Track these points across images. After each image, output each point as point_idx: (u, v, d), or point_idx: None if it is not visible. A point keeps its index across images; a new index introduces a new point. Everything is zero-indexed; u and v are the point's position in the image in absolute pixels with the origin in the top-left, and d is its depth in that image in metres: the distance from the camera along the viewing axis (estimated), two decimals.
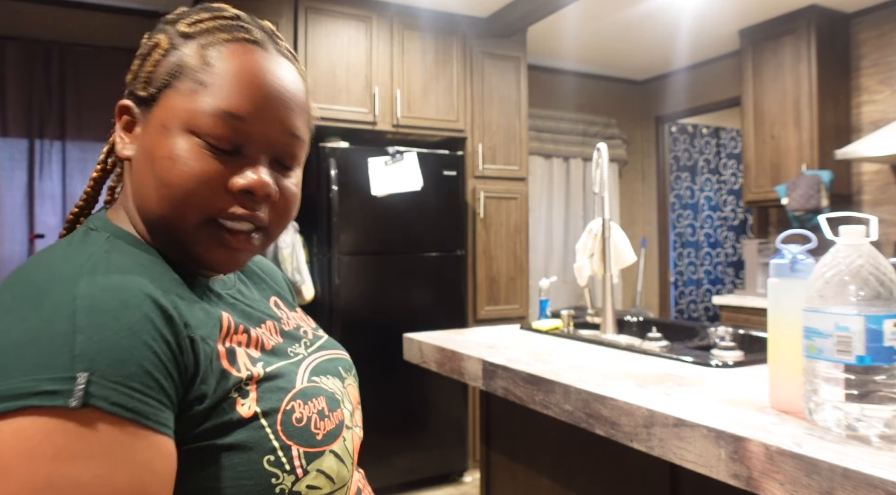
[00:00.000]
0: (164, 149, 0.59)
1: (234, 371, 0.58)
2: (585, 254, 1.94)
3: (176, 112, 0.59)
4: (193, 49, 0.61)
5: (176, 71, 0.60)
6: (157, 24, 0.66)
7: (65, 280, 0.50)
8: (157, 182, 0.59)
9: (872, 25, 3.60)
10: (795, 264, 0.89)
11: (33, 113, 3.24)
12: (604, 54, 4.47)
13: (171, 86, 0.60)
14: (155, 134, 0.60)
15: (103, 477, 0.45)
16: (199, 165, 0.59)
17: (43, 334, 0.46)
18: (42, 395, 0.44)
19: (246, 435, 0.55)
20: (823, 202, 3.38)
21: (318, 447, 0.60)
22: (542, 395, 1.19)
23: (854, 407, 0.76)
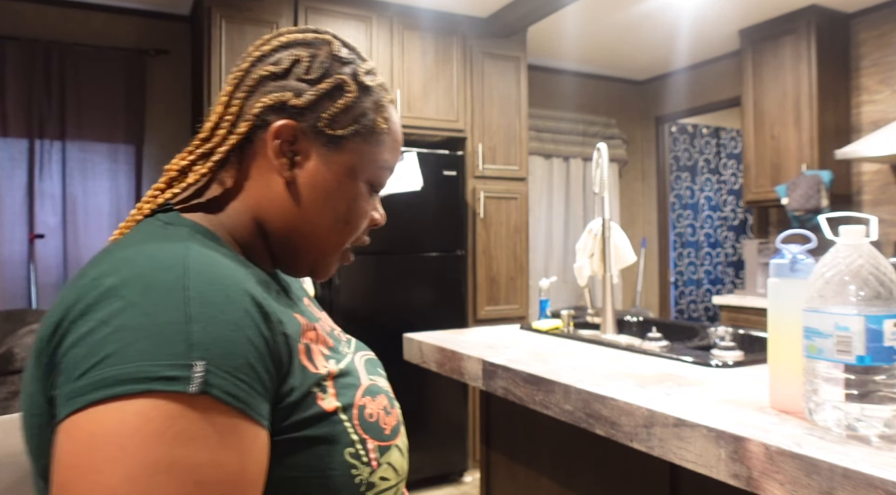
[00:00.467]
0: (348, 191, 0.69)
1: (313, 367, 0.61)
2: (585, 254, 1.94)
3: (362, 163, 0.69)
4: (374, 106, 0.70)
5: (365, 125, 0.69)
6: (311, 47, 0.68)
7: (171, 268, 0.52)
8: (335, 215, 0.69)
9: (872, 25, 3.60)
10: (795, 264, 0.89)
11: (33, 113, 3.24)
12: (604, 54, 4.47)
13: (359, 136, 0.68)
14: (340, 174, 0.68)
15: (215, 462, 0.48)
16: (367, 208, 0.72)
17: (159, 322, 0.48)
18: (163, 380, 0.46)
19: (329, 429, 0.59)
20: (823, 202, 3.38)
21: (387, 441, 0.64)
22: (542, 395, 1.19)
23: (854, 407, 0.76)
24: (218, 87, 3.04)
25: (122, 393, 0.46)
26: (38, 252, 3.26)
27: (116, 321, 0.48)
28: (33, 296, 3.24)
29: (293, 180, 0.66)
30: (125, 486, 0.44)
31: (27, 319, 2.82)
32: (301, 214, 0.67)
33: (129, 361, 0.46)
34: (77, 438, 0.45)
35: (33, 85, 3.23)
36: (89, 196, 3.39)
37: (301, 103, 0.65)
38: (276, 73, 0.66)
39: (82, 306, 0.50)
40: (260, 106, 0.65)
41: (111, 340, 0.47)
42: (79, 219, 3.36)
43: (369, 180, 0.70)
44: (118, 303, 0.49)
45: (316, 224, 0.68)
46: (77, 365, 0.47)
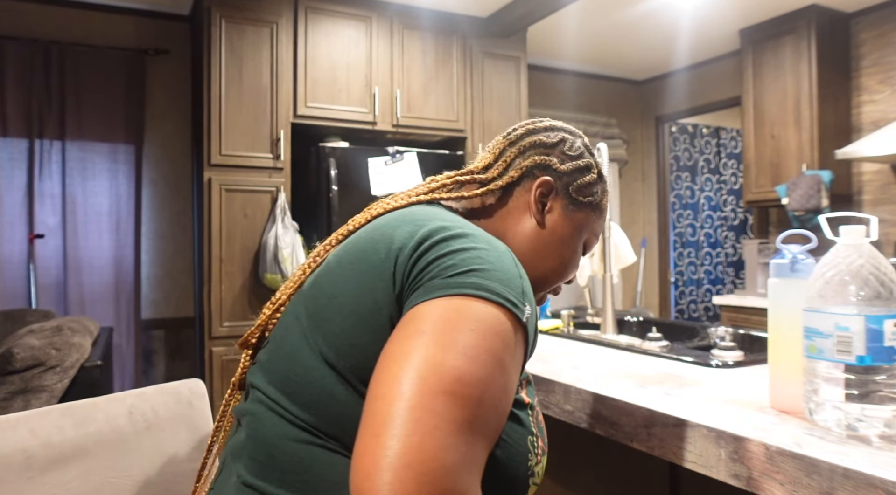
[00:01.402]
0: (573, 245, 0.88)
1: None
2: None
3: (588, 227, 0.89)
4: (603, 189, 0.91)
5: (597, 200, 0.90)
6: (569, 135, 0.90)
7: (494, 239, 0.70)
8: (560, 261, 0.87)
9: (872, 25, 3.60)
10: (796, 264, 0.89)
11: (33, 113, 3.24)
12: (604, 54, 4.47)
13: (591, 207, 0.89)
14: (571, 231, 0.87)
15: (512, 380, 0.61)
16: (576, 262, 0.90)
17: (505, 267, 0.64)
18: (511, 303, 0.61)
19: (523, 416, 0.71)
20: (824, 202, 3.38)
21: (545, 447, 0.76)
22: (542, 395, 1.19)
23: (854, 407, 0.76)
24: (218, 87, 3.04)
25: (486, 296, 0.60)
26: (37, 252, 3.26)
27: (476, 252, 0.64)
28: (33, 296, 3.24)
29: (542, 222, 0.85)
30: (473, 350, 0.56)
31: (27, 319, 2.82)
32: (538, 251, 0.85)
33: (490, 279, 0.61)
34: (445, 309, 0.59)
35: (33, 85, 3.24)
36: (89, 196, 3.39)
37: (563, 169, 0.87)
38: (547, 144, 0.87)
39: (444, 235, 0.66)
40: (531, 161, 0.86)
41: (475, 261, 0.63)
42: (78, 219, 3.36)
43: (586, 242, 0.90)
44: (474, 241, 0.66)
45: (546, 262, 0.86)
46: (447, 269, 0.62)
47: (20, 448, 0.89)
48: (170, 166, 3.62)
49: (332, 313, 0.68)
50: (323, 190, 3.13)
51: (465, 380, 0.54)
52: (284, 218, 3.09)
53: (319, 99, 3.24)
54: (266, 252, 3.02)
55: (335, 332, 0.66)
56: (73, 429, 0.94)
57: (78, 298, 3.33)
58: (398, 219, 0.73)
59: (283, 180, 3.16)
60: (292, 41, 3.20)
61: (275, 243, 3.01)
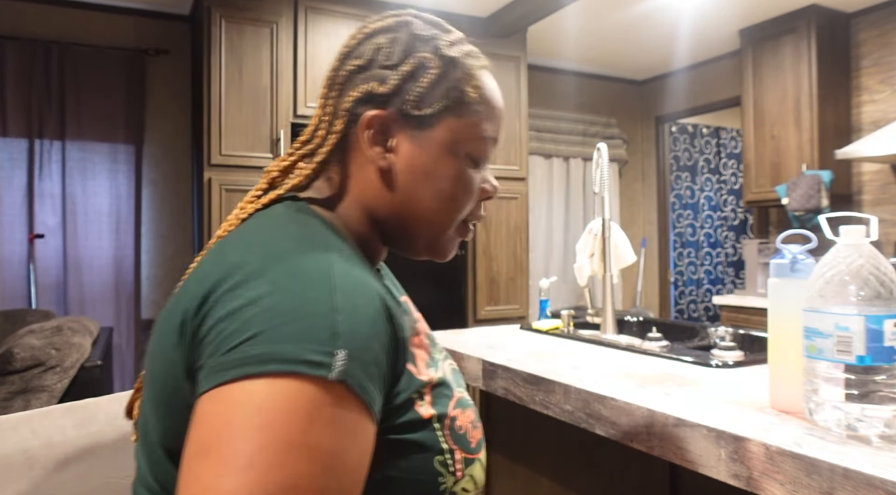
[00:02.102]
0: (449, 168, 0.68)
1: (417, 373, 0.62)
2: (585, 254, 1.93)
3: (458, 138, 0.68)
4: (463, 77, 0.68)
5: (455, 98, 0.67)
6: (391, 32, 0.69)
7: (316, 255, 0.56)
8: (440, 195, 0.68)
9: (873, 25, 3.60)
10: (796, 264, 0.89)
11: (33, 113, 3.24)
12: (604, 54, 4.47)
13: (451, 111, 0.67)
14: (436, 154, 0.67)
15: (341, 449, 0.49)
16: (473, 183, 0.70)
17: (307, 308, 0.51)
18: (308, 364, 0.48)
19: (424, 436, 0.60)
20: (824, 202, 3.38)
21: (472, 454, 0.65)
22: (542, 395, 1.19)
23: (854, 407, 0.76)
24: (218, 87, 3.04)
25: (270, 371, 0.48)
26: (37, 252, 3.26)
27: (266, 301, 0.51)
28: (33, 296, 3.24)
29: (389, 168, 0.67)
30: (262, 454, 0.46)
31: (27, 319, 2.82)
32: (404, 199, 0.68)
33: (278, 342, 0.49)
34: (225, 406, 0.48)
35: (33, 85, 3.23)
36: (89, 196, 3.39)
37: (386, 90, 0.66)
38: (362, 66, 0.67)
39: (231, 283, 0.53)
40: (350, 101, 0.67)
41: (261, 319, 0.50)
42: (78, 219, 3.36)
43: (470, 154, 0.69)
44: (267, 285, 0.52)
45: (421, 206, 0.68)
46: (227, 339, 0.50)
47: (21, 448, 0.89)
48: (170, 166, 3.62)
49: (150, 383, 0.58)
50: None
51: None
52: None
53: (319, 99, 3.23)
54: None
55: (156, 388, 0.57)
56: (74, 430, 0.94)
57: (78, 298, 3.33)
58: (223, 246, 0.60)
59: None
60: (292, 41, 3.20)
61: None
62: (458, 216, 0.70)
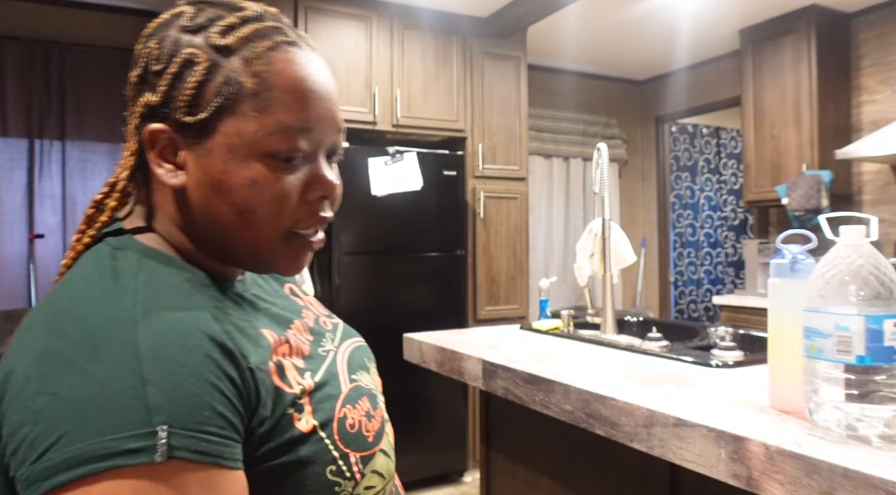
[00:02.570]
0: (240, 177, 0.57)
1: (287, 387, 0.57)
2: (585, 254, 1.93)
3: (244, 138, 0.57)
4: (240, 66, 0.57)
5: (230, 94, 0.57)
6: (163, 30, 0.60)
7: (119, 325, 0.49)
8: (236, 209, 0.58)
9: (873, 25, 3.60)
10: (796, 264, 0.89)
11: (33, 113, 3.24)
12: (604, 54, 4.47)
13: (228, 110, 0.57)
14: (222, 162, 0.57)
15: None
16: (280, 186, 0.58)
17: (112, 389, 0.45)
18: (126, 454, 0.43)
19: (308, 450, 0.56)
20: (824, 202, 3.37)
21: (370, 450, 0.61)
22: (542, 395, 1.19)
23: (854, 407, 0.76)
24: None
25: (85, 474, 0.42)
26: (37, 252, 3.26)
27: (69, 393, 0.45)
28: (33, 296, 3.24)
29: (182, 186, 0.59)
30: None
31: None
32: (205, 218, 0.59)
33: (88, 438, 0.43)
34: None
35: (33, 84, 3.23)
36: (89, 196, 3.38)
37: (157, 100, 0.57)
38: (139, 75, 0.59)
39: (27, 374, 0.47)
40: (135, 117, 0.59)
41: (66, 416, 0.44)
42: (78, 219, 3.34)
43: (269, 152, 0.57)
44: (68, 371, 0.46)
45: (223, 224, 0.59)
46: (32, 445, 0.44)
47: None
48: None
49: None
50: None
51: None
52: None
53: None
54: None
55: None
56: None
57: None
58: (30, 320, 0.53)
59: None
60: None
61: None
62: (271, 229, 0.59)
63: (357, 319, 3.13)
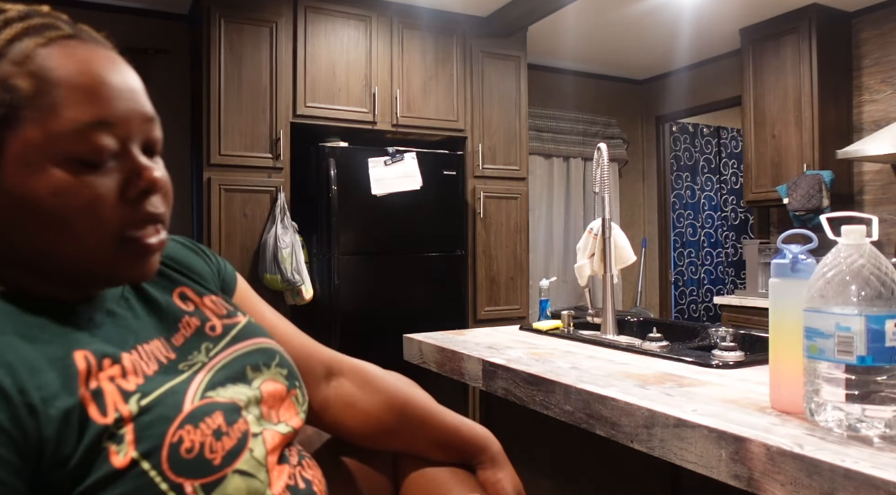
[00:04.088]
0: (41, 189, 0.52)
1: (101, 417, 0.51)
2: (586, 254, 1.93)
3: (35, 145, 0.51)
4: (11, 68, 0.51)
5: (6, 101, 0.51)
6: None
7: None
8: (46, 224, 0.52)
9: (874, 24, 3.59)
10: (796, 264, 0.88)
11: None
12: (604, 54, 4.47)
13: (10, 119, 0.51)
14: (18, 176, 0.51)
15: None
16: (89, 190, 0.53)
17: None
18: None
19: (127, 487, 0.50)
20: (824, 202, 3.37)
21: (216, 474, 0.54)
22: (543, 396, 1.19)
23: (855, 408, 0.76)
24: (217, 87, 3.04)
25: None
26: None
27: None
28: None
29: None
30: None
31: None
32: (21, 244, 0.53)
33: None
34: None
35: None
36: None
37: None
38: None
39: None
40: None
41: None
42: None
43: (69, 156, 0.52)
44: None
45: (39, 246, 0.53)
46: None
47: None
48: (169, 166, 3.57)
49: None
50: (322, 190, 3.13)
51: None
52: (284, 218, 3.09)
53: (319, 99, 3.23)
54: (266, 252, 3.02)
55: None
56: None
57: None
58: None
59: (282, 180, 3.16)
60: (292, 41, 3.20)
61: (274, 243, 3.01)
62: (94, 237, 0.54)
63: (357, 319, 3.14)
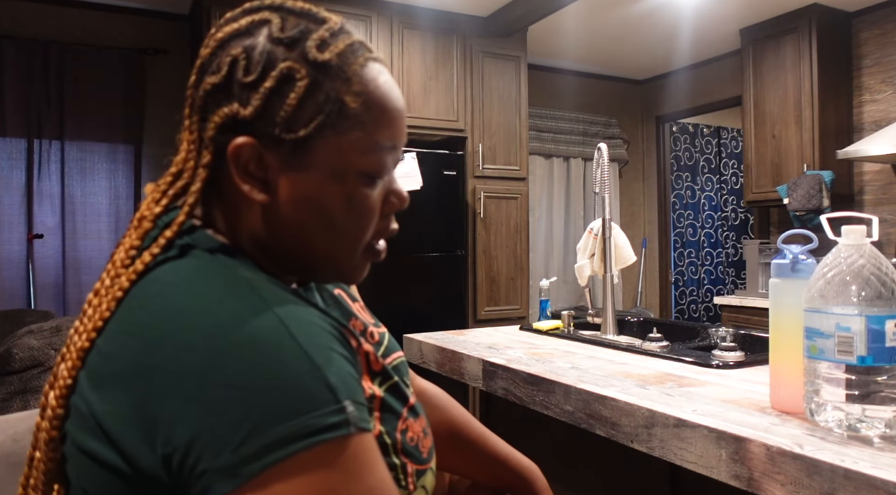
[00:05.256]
0: (337, 195, 0.58)
1: (365, 389, 0.59)
2: (586, 254, 1.93)
3: (343, 157, 0.57)
4: (341, 85, 0.57)
5: (331, 112, 0.56)
6: (246, 37, 0.57)
7: (267, 319, 0.49)
8: (330, 226, 0.59)
9: (874, 24, 3.59)
10: (797, 264, 0.88)
11: (32, 112, 3.24)
12: (604, 54, 4.46)
13: (329, 128, 0.56)
14: (320, 179, 0.57)
15: (383, 480, 0.49)
16: (371, 203, 0.60)
17: (294, 374, 0.47)
18: (327, 430, 0.46)
19: None
20: (825, 202, 3.37)
21: (423, 465, 0.62)
22: (543, 396, 1.19)
23: (855, 408, 0.76)
24: None
25: (295, 450, 0.44)
26: (36, 252, 3.26)
27: (249, 383, 0.46)
28: (32, 297, 3.24)
29: (271, 204, 0.57)
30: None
31: (26, 319, 2.82)
32: (293, 235, 0.59)
33: (286, 419, 0.45)
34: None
35: (32, 84, 3.23)
36: (88, 196, 3.39)
37: (249, 114, 0.55)
38: (218, 84, 0.56)
39: (185, 368, 0.47)
40: (212, 128, 0.56)
41: (256, 403, 0.45)
42: (77, 219, 3.35)
43: (362, 171, 0.58)
44: (240, 363, 0.46)
45: (313, 240, 0.59)
46: (225, 435, 0.44)
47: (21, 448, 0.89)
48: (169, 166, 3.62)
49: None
50: None
51: None
52: None
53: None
54: None
55: None
56: None
57: (77, 298, 3.33)
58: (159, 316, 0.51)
59: None
60: None
61: None
62: (358, 243, 0.61)
63: None
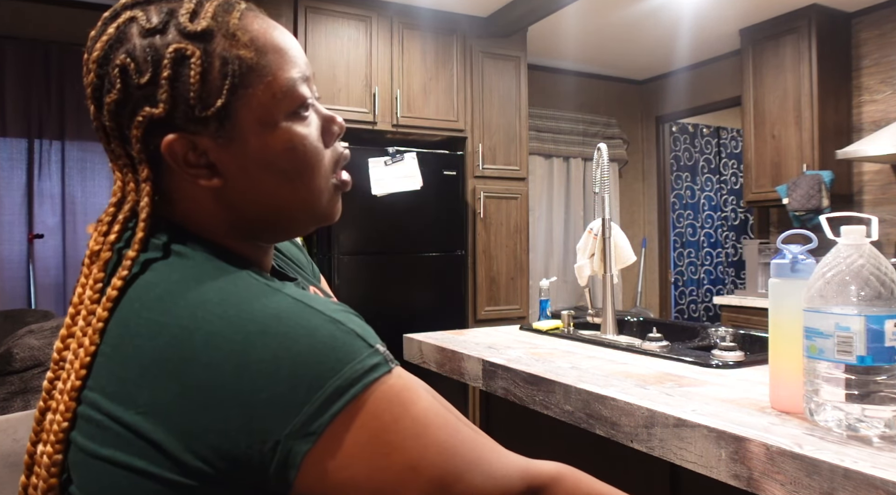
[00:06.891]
0: (278, 145, 0.59)
1: None
2: (586, 254, 1.93)
3: (266, 107, 0.58)
4: (229, 43, 0.57)
5: (235, 72, 0.56)
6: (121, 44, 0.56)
7: (278, 297, 0.53)
8: (286, 177, 0.60)
9: (873, 25, 3.60)
10: (796, 264, 0.88)
11: (32, 113, 3.24)
12: (604, 54, 4.47)
13: (240, 88, 0.56)
14: (255, 141, 0.58)
15: (430, 401, 0.54)
16: (310, 139, 0.61)
17: (323, 334, 0.51)
18: (374, 369, 0.51)
19: None
20: (824, 202, 3.37)
21: None
22: (543, 396, 1.19)
23: (855, 408, 0.76)
24: None
25: (354, 395, 0.49)
26: (37, 252, 3.26)
27: (289, 351, 0.49)
28: (32, 296, 3.24)
29: (225, 184, 0.58)
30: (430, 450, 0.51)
31: (26, 319, 2.82)
32: (260, 201, 0.60)
33: (335, 371, 0.49)
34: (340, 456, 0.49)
35: (32, 84, 3.23)
36: (88, 196, 3.39)
37: (163, 110, 0.55)
38: (119, 99, 0.56)
39: (225, 349, 0.49)
40: (137, 142, 0.56)
41: (302, 364, 0.49)
42: (78, 219, 3.35)
43: (289, 111, 0.59)
44: (274, 338, 0.50)
45: (279, 198, 0.60)
46: (287, 403, 0.48)
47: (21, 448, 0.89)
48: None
49: None
50: None
51: None
52: None
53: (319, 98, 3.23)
54: None
55: None
56: None
57: None
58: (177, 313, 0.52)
59: None
60: None
61: None
62: (319, 181, 0.62)
63: None
